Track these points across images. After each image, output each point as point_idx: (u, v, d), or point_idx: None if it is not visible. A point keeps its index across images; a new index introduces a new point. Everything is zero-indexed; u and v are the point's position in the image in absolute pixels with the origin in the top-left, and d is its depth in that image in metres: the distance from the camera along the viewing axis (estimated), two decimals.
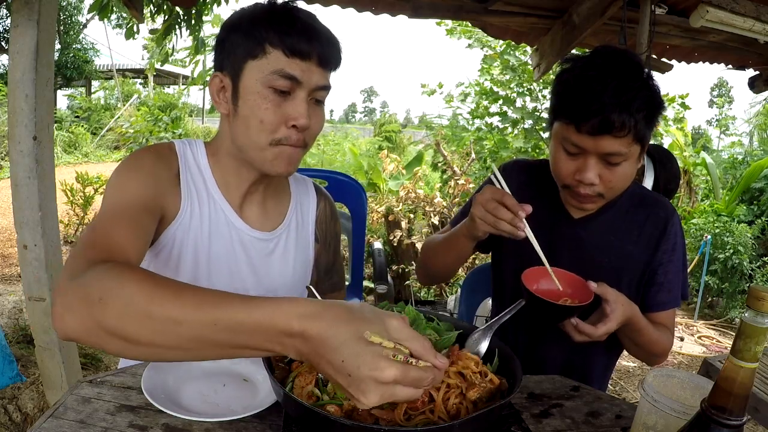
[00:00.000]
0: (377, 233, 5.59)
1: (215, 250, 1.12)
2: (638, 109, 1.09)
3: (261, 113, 0.98)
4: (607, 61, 1.13)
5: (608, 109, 1.08)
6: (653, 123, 1.15)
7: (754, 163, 6.59)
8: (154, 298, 0.65)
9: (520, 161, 1.49)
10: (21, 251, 2.08)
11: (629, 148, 1.13)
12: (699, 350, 4.34)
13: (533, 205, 1.27)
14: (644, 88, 1.11)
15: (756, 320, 0.56)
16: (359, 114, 78.59)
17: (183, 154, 1.11)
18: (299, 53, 0.97)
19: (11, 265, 4.59)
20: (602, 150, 1.12)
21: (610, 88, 1.08)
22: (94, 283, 0.69)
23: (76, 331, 0.69)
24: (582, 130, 1.12)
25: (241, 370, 1.03)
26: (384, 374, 0.60)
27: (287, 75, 0.97)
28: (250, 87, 0.99)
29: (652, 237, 1.28)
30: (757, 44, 3.08)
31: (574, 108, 1.13)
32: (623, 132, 1.09)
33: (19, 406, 2.45)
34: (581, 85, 1.12)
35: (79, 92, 16.30)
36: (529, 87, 6.39)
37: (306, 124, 1.00)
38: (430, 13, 3.14)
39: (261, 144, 1.01)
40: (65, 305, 0.69)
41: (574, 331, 1.11)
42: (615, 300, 1.10)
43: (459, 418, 0.78)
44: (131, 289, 0.67)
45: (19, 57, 1.96)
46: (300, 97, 0.99)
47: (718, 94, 38.67)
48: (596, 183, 1.16)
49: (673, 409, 0.76)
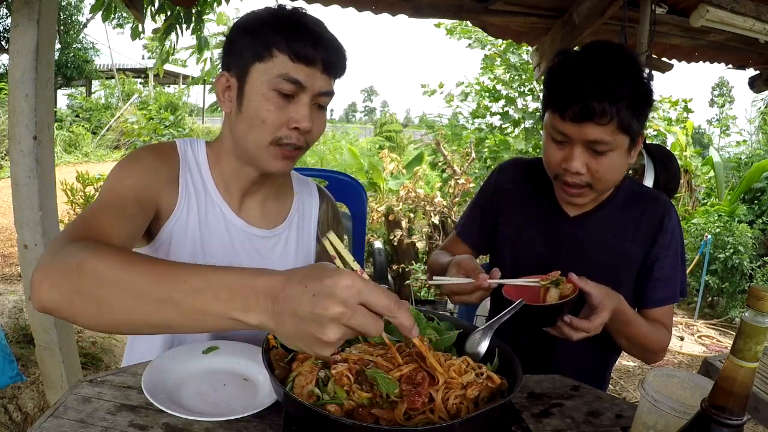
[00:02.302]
0: (377, 233, 5.59)
1: (212, 248, 1.14)
2: (620, 97, 1.09)
3: (264, 114, 1.01)
4: (597, 52, 1.15)
5: (589, 96, 1.09)
6: (640, 114, 1.15)
7: (756, 163, 6.58)
8: (130, 265, 0.69)
9: (517, 160, 1.50)
10: (21, 251, 2.08)
11: (614, 137, 1.13)
12: (699, 350, 4.34)
13: (529, 203, 1.29)
14: (630, 78, 1.11)
15: (756, 320, 0.56)
16: (359, 113, 78.56)
17: (184, 153, 1.13)
18: (305, 59, 0.99)
19: (11, 265, 4.59)
20: (586, 137, 1.13)
21: (593, 76, 1.10)
22: (74, 252, 0.73)
23: (51, 298, 0.71)
24: (566, 117, 1.13)
25: (241, 369, 1.03)
26: (342, 283, 0.60)
27: (292, 79, 0.99)
28: (255, 88, 1.01)
29: (649, 232, 1.29)
30: (758, 44, 3.08)
31: (558, 95, 1.15)
32: (605, 119, 1.10)
33: (20, 406, 2.45)
34: (566, 73, 1.15)
35: (79, 92, 16.29)
36: (531, 87, 6.39)
37: (308, 128, 1.02)
38: (430, 13, 3.14)
39: (262, 142, 1.03)
40: (44, 274, 0.72)
41: (570, 330, 1.09)
42: (598, 292, 1.09)
43: (459, 417, 0.78)
44: (109, 258, 0.70)
45: (20, 56, 1.96)
46: (303, 102, 1.01)
47: (719, 94, 38.64)
48: (582, 172, 1.17)
49: (674, 409, 0.76)
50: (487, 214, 1.45)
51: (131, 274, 0.68)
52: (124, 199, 0.97)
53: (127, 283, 0.67)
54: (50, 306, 0.71)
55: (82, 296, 0.69)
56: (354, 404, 0.78)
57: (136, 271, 0.68)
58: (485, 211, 1.46)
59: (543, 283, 1.11)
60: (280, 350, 0.91)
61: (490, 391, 0.84)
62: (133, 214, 0.97)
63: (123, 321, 0.70)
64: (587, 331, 1.08)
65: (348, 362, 0.84)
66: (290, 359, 0.89)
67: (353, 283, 0.60)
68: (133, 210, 0.98)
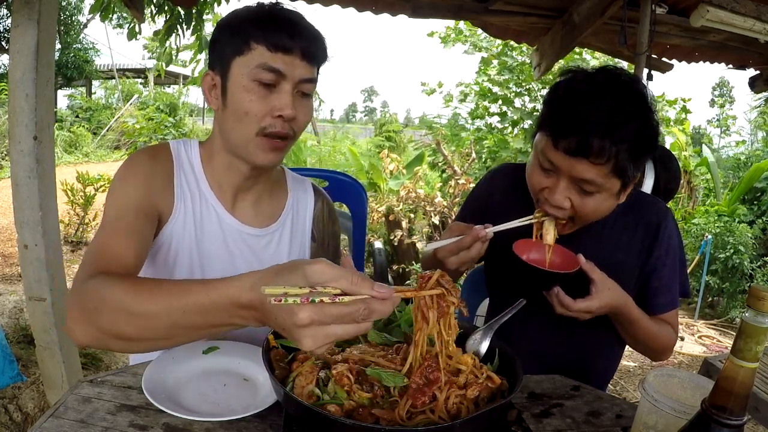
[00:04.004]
0: (378, 233, 5.60)
1: (207, 247, 1.15)
2: (623, 139, 1.00)
3: (247, 105, 1.03)
4: (609, 81, 1.05)
5: (590, 129, 1.00)
6: (639, 160, 1.06)
7: (756, 164, 6.58)
8: (134, 299, 0.76)
9: (507, 166, 1.46)
10: (21, 251, 2.08)
11: (606, 180, 1.05)
12: (699, 350, 4.34)
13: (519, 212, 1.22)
14: (638, 118, 1.02)
15: (756, 320, 0.56)
16: (360, 114, 78.54)
17: (177, 154, 1.15)
18: (282, 48, 1.02)
19: (12, 265, 4.59)
20: (575, 174, 1.05)
21: (598, 108, 1.01)
22: (90, 294, 0.81)
23: (85, 338, 0.80)
24: (558, 147, 1.05)
25: (241, 369, 1.03)
26: (298, 318, 0.61)
27: (271, 68, 1.01)
28: (237, 82, 1.03)
29: (644, 243, 1.25)
30: (758, 44, 3.08)
31: (555, 121, 1.06)
32: (601, 159, 1.02)
33: (20, 406, 2.45)
34: (570, 98, 1.05)
35: (79, 92, 16.29)
36: (528, 87, 6.39)
37: (291, 115, 1.04)
38: (430, 13, 3.14)
39: (248, 134, 1.05)
40: (72, 319, 0.81)
41: (556, 302, 1.11)
42: (602, 282, 1.10)
43: (460, 417, 0.78)
44: (117, 295, 0.78)
45: (20, 57, 1.96)
46: (285, 90, 1.03)
47: (719, 94, 38.63)
48: (565, 207, 1.10)
49: (674, 409, 0.76)
50: (478, 220, 1.43)
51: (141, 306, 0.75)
52: (130, 215, 1.02)
53: (137, 320, 0.75)
54: (86, 344, 0.81)
55: (106, 335, 0.78)
56: (354, 404, 0.78)
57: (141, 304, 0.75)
58: (476, 216, 1.44)
59: (537, 215, 1.15)
60: (281, 350, 0.91)
61: (490, 391, 0.84)
62: (140, 227, 1.02)
63: (148, 347, 0.82)
64: (568, 309, 1.10)
65: (348, 362, 0.84)
66: (290, 359, 0.89)
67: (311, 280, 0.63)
68: (139, 223, 1.02)
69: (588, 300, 1.09)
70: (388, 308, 0.65)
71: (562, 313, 1.11)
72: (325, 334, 0.62)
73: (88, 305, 0.80)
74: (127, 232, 0.99)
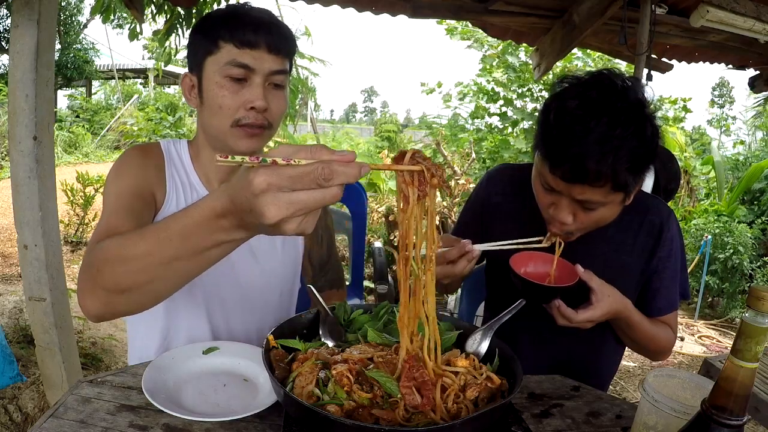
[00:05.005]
0: (377, 233, 5.59)
1: None
2: (620, 158, 1.00)
3: (220, 100, 1.09)
4: (602, 97, 1.02)
5: (586, 157, 0.99)
6: (639, 173, 1.06)
7: (756, 164, 6.58)
8: (125, 243, 0.78)
9: (507, 168, 1.45)
10: (21, 251, 2.08)
11: (607, 197, 1.06)
12: (699, 350, 4.34)
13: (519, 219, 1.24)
14: (634, 137, 1.00)
15: (756, 320, 0.56)
16: (359, 114, 78.51)
17: (167, 151, 1.22)
18: (248, 43, 1.08)
19: (11, 265, 4.59)
20: (576, 196, 1.06)
21: (592, 134, 0.99)
22: (90, 261, 0.84)
23: (94, 305, 0.82)
24: (555, 174, 1.05)
25: (241, 370, 1.03)
26: (255, 185, 0.59)
27: (239, 64, 1.08)
28: (210, 79, 1.10)
29: (647, 245, 1.26)
30: (758, 44, 3.08)
31: (550, 148, 1.05)
32: (599, 182, 1.02)
33: (20, 406, 2.45)
34: (563, 123, 1.03)
35: (79, 92, 16.28)
36: (530, 87, 6.39)
37: (263, 105, 1.09)
38: (430, 13, 3.14)
39: (224, 126, 1.11)
40: (81, 290, 0.84)
41: (557, 314, 1.11)
42: (601, 290, 1.10)
43: (459, 418, 0.78)
44: (112, 248, 0.80)
45: (20, 57, 1.96)
46: (256, 83, 1.10)
47: (719, 94, 38.65)
48: (569, 222, 1.11)
49: (674, 409, 0.76)
50: (478, 224, 1.42)
51: (133, 250, 0.76)
52: (127, 199, 1.08)
53: (133, 264, 0.76)
54: (97, 313, 0.83)
55: (111, 292, 0.79)
56: (354, 405, 0.78)
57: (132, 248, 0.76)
58: (476, 219, 1.44)
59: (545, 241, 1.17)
60: (281, 351, 0.91)
61: (490, 391, 0.84)
62: (139, 209, 1.08)
63: (149, 293, 0.80)
64: (570, 321, 1.10)
65: (348, 363, 0.84)
66: (290, 360, 0.89)
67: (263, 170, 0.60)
68: (138, 205, 1.09)
69: (590, 310, 1.10)
70: (353, 171, 0.60)
71: (564, 324, 1.12)
72: (288, 201, 0.59)
73: (91, 270, 0.82)
74: (128, 214, 1.04)
